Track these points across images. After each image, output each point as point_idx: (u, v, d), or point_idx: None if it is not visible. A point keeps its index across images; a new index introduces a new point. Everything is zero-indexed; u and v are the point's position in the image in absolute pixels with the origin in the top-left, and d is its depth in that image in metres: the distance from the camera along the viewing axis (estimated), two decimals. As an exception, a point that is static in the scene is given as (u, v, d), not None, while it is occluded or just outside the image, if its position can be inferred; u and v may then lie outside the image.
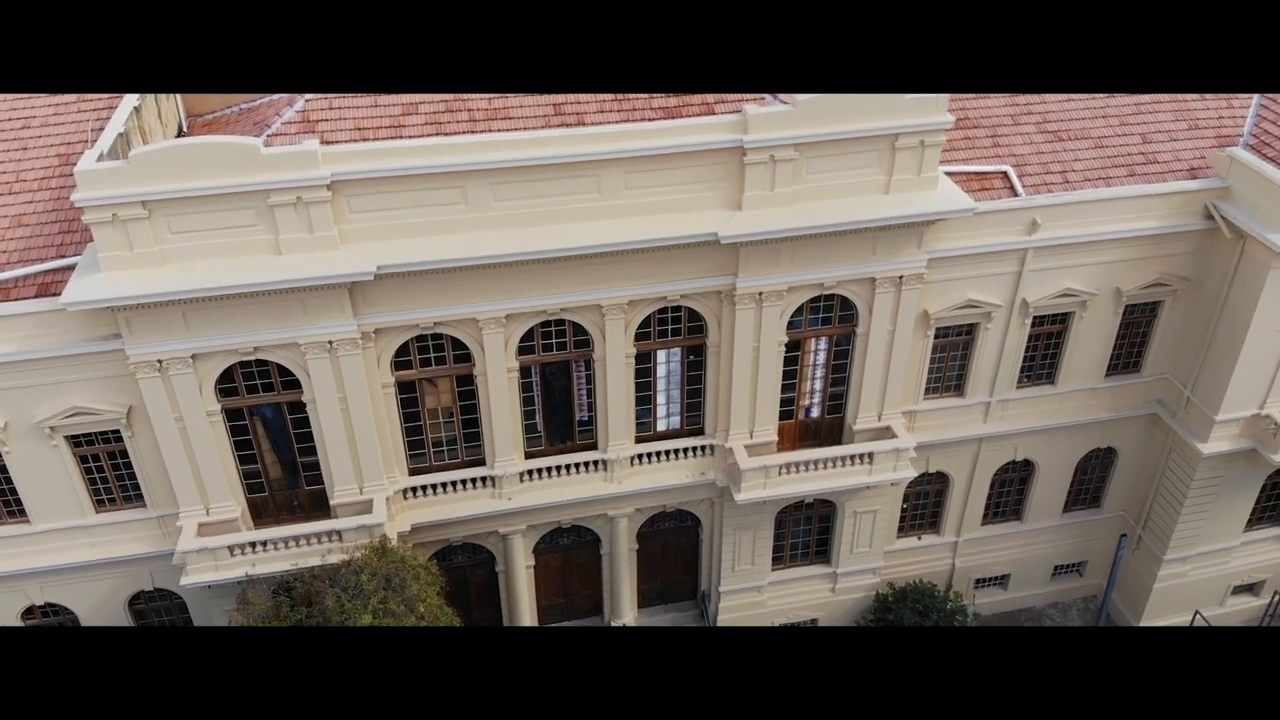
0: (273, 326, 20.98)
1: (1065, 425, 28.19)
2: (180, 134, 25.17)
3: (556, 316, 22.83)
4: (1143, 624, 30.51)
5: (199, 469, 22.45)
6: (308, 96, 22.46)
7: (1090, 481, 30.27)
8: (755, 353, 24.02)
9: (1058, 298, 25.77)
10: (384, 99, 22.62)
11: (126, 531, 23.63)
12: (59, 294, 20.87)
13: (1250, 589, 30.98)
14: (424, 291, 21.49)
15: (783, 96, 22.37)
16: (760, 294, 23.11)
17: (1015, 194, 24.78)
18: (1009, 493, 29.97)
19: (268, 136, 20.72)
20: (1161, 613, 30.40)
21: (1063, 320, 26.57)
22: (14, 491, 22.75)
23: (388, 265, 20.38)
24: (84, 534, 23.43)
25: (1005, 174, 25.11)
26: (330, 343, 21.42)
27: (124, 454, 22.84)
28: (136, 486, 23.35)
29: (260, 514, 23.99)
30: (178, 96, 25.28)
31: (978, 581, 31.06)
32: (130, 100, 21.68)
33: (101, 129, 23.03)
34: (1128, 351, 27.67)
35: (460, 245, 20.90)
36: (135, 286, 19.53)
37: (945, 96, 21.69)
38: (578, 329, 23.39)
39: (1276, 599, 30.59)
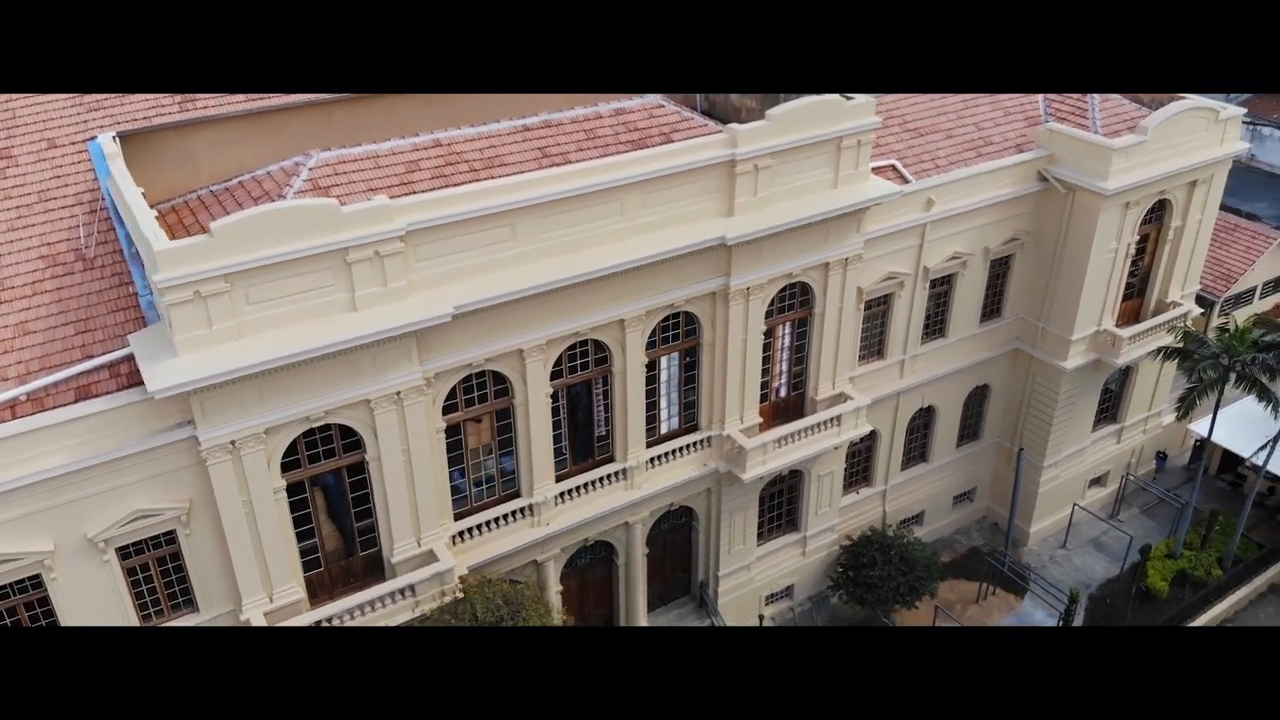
0: (345, 386, 21.04)
1: (956, 370, 33.60)
2: (137, 225, 24.06)
3: (585, 336, 24.49)
4: (1033, 526, 36.47)
5: (263, 554, 21.70)
6: (310, 165, 22.84)
7: (971, 417, 35.96)
8: (744, 344, 26.95)
9: (948, 261, 31.06)
10: (384, 159, 23.52)
11: (177, 642, 22.08)
12: (99, 395, 19.88)
13: (1100, 480, 38.02)
14: (478, 329, 22.44)
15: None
16: (748, 289, 26.14)
17: (906, 181, 29.73)
18: (918, 438, 34.93)
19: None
20: (1045, 514, 36.60)
21: (949, 281, 31.91)
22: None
23: (464, 305, 21.27)
24: (132, 655, 21.63)
25: (894, 166, 30.02)
26: (398, 394, 21.77)
27: (175, 557, 21.57)
28: (186, 591, 22.05)
29: (316, 592, 23.35)
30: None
31: (901, 522, 35.62)
32: (134, 195, 20.61)
33: (90, 224, 21.95)
34: (992, 300, 33.58)
35: (513, 279, 22.18)
36: (221, 363, 19.05)
37: (873, 101, 26.06)
38: (598, 346, 25.17)
39: (1124, 482, 37.84)
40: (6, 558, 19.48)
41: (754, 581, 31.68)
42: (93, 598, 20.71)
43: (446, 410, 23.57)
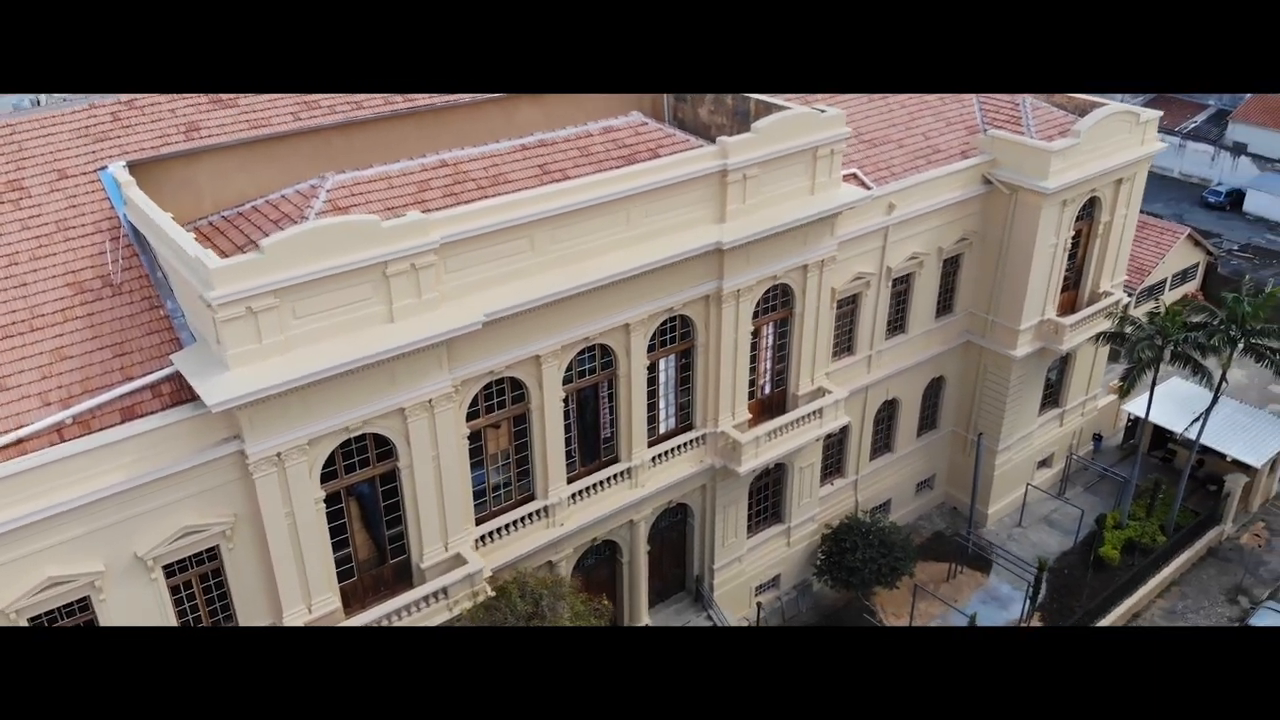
0: (382, 395, 21.82)
1: (916, 363, 35.87)
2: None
3: (594, 341, 25.75)
4: (990, 508, 38.90)
5: (304, 565, 22.24)
6: (328, 187, 23.68)
7: (929, 408, 38.29)
8: (734, 344, 28.56)
9: (907, 261, 33.35)
10: (396, 179, 24.53)
11: (218, 659, 22.37)
12: (144, 415, 20.31)
13: (1046, 462, 40.79)
14: (500, 337, 23.47)
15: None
16: (738, 291, 27.79)
17: (868, 187, 31.90)
18: (883, 429, 37.06)
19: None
20: (1001, 495, 39.09)
21: (908, 280, 34.21)
22: (101, 646, 20.85)
23: (494, 313, 22.34)
24: (175, 674, 21.86)
25: (855, 174, 32.18)
26: (430, 401, 22.65)
27: (216, 573, 21.96)
28: (226, 607, 22.40)
29: (349, 602, 23.88)
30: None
31: (872, 510, 37.61)
32: (167, 221, 21.10)
33: (114, 251, 22.32)
34: (944, 297, 36.02)
35: (533, 287, 23.35)
36: (272, 376, 19.70)
37: (843, 114, 28.13)
38: (604, 351, 26.44)
39: (1069, 461, 40.65)
40: (60, 580, 19.66)
41: (745, 573, 33.17)
42: (139, 618, 20.91)
43: (469, 418, 24.49)
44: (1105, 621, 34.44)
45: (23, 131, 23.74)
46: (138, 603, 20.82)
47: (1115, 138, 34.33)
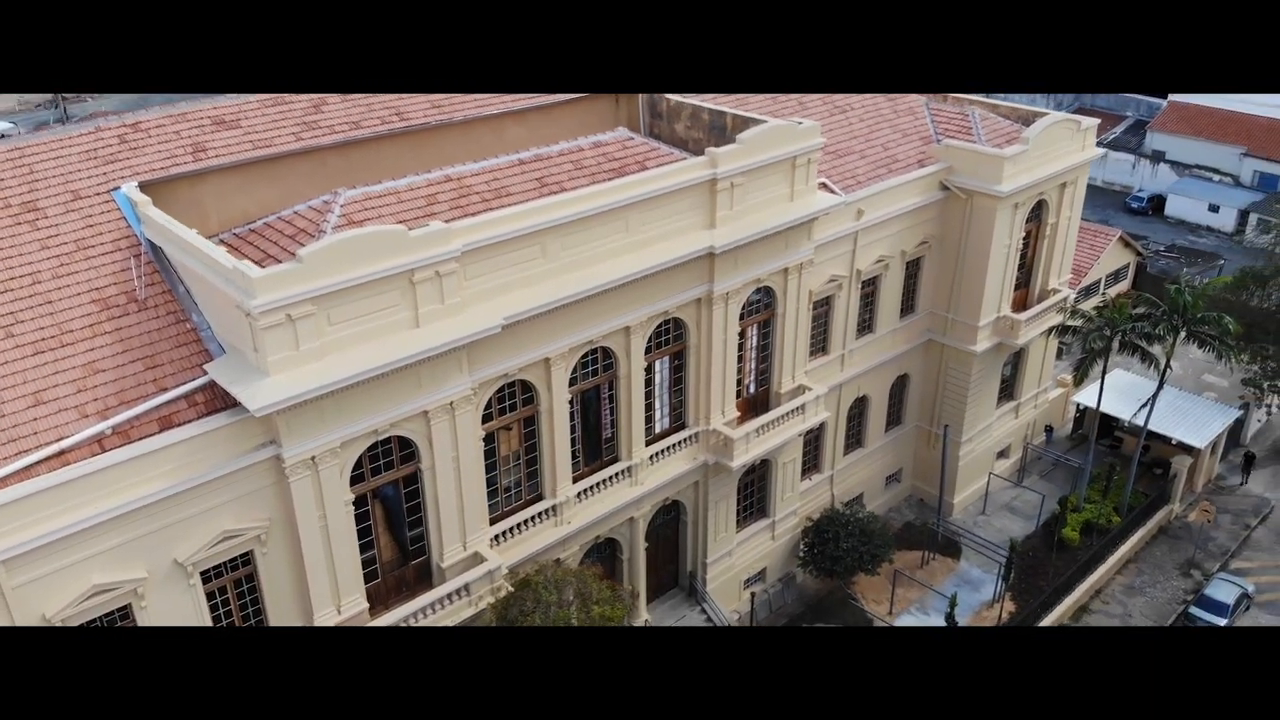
0: (407, 398, 22.69)
1: (883, 361, 37.78)
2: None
3: (598, 344, 26.93)
4: (955, 498, 40.90)
5: (334, 567, 22.91)
6: (341, 202, 24.56)
7: (895, 404, 40.20)
8: (724, 345, 30.00)
9: (875, 264, 35.26)
10: (404, 194, 25.53)
11: (250, 663, 22.86)
12: (182, 424, 20.91)
13: (1004, 453, 43.02)
14: (513, 341, 24.51)
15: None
16: (727, 294, 29.27)
17: (837, 195, 33.74)
18: (854, 426, 38.83)
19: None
20: (964, 485, 41.15)
21: (875, 282, 36.12)
22: (141, 653, 21.23)
23: (512, 317, 23.41)
24: (210, 679, 22.30)
25: (825, 183, 34.01)
26: (451, 404, 23.57)
27: (249, 578, 22.50)
28: (258, 612, 22.91)
29: (373, 603, 24.53)
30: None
31: (846, 504, 39.25)
32: (195, 236, 21.80)
33: (139, 268, 22.85)
34: (908, 298, 38.03)
35: (544, 292, 24.49)
36: (310, 381, 20.47)
37: (819, 125, 29.93)
38: (605, 353, 27.63)
39: (1026, 451, 42.93)
40: (105, 588, 20.07)
41: (735, 567, 34.48)
42: (176, 624, 21.33)
43: (484, 420, 25.42)
44: (1070, 597, 36.54)
45: (32, 154, 24.16)
46: (176, 609, 21.26)
47: (1059, 144, 36.82)
